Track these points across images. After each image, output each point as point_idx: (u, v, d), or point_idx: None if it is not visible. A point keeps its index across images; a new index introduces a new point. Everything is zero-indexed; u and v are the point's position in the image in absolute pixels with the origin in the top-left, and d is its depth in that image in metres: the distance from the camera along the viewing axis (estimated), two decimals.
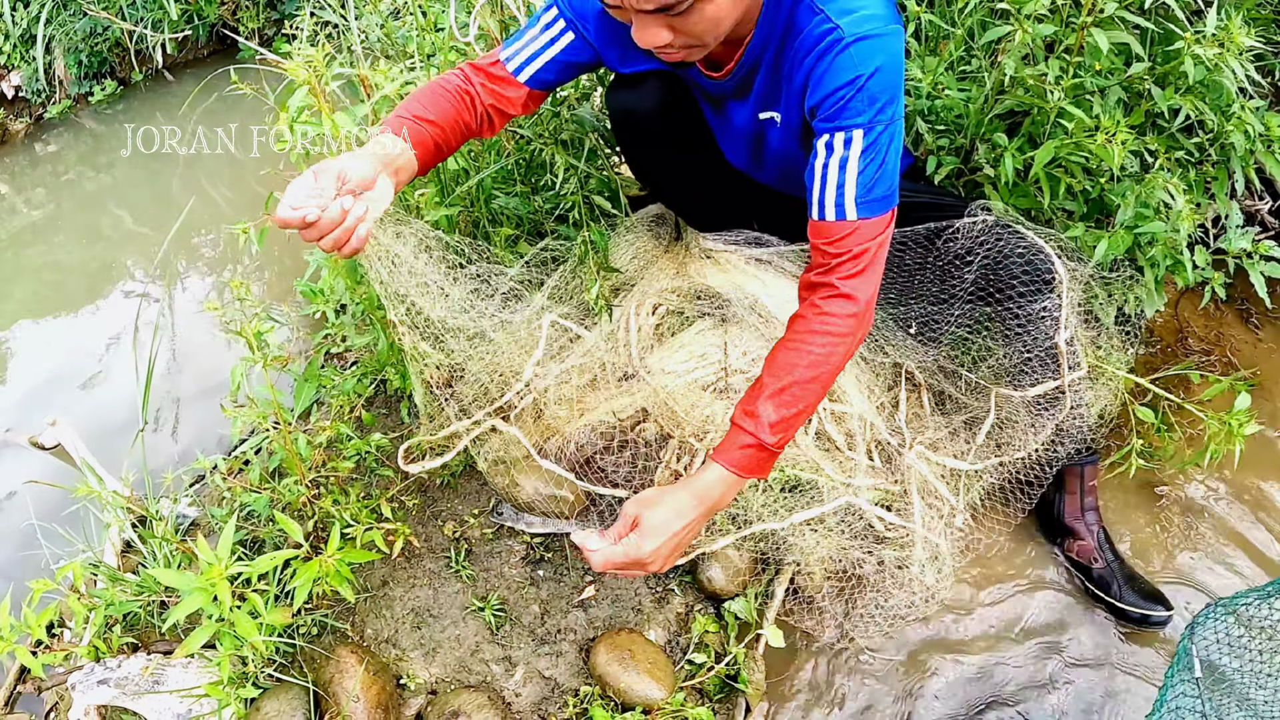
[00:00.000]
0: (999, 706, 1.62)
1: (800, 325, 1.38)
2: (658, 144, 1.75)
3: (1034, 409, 1.75)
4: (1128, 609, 1.68)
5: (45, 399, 2.51)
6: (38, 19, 3.71)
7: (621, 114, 1.72)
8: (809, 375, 1.35)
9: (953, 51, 1.94)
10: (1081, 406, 1.73)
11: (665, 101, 1.68)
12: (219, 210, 3.19)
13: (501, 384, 1.80)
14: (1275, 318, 2.31)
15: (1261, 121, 1.77)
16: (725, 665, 1.57)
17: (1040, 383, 1.70)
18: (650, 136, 1.73)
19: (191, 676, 1.55)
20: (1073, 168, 1.79)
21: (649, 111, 1.68)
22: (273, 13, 3.89)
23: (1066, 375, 1.65)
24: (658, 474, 1.76)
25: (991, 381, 1.80)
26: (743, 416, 1.35)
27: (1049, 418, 1.73)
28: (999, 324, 1.74)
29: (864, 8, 1.27)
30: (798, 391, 1.35)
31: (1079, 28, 1.66)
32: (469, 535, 1.75)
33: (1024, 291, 1.62)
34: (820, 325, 1.36)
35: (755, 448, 1.34)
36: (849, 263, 1.35)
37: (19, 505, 2.20)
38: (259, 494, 1.68)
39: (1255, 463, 1.98)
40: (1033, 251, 1.64)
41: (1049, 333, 1.65)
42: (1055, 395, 1.71)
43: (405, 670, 1.58)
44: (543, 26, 1.58)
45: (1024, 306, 1.65)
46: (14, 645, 1.44)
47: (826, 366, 1.36)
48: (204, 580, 1.29)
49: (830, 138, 1.34)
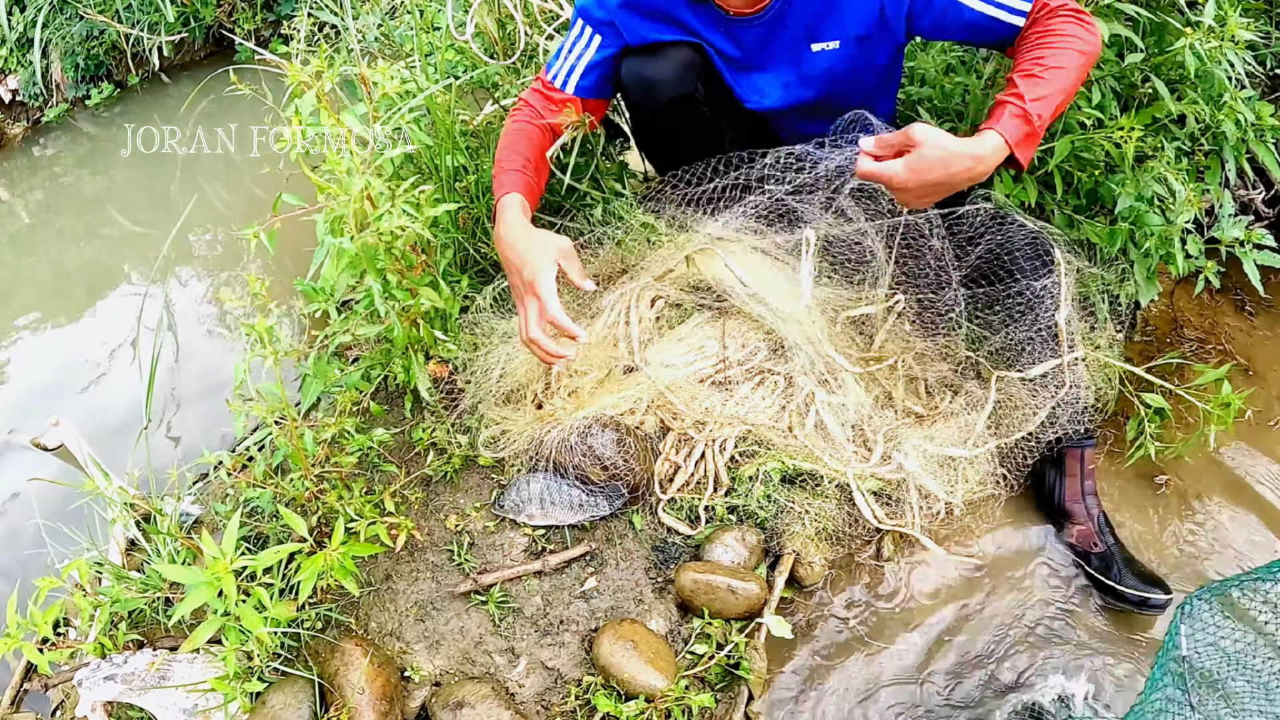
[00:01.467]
0: (1000, 692, 1.63)
1: (1034, 34, 1.50)
2: (672, 111, 1.79)
3: (1033, 389, 1.76)
4: (1127, 592, 1.68)
5: (45, 400, 2.52)
6: (35, 22, 3.72)
7: (637, 81, 1.76)
8: (1056, 62, 1.45)
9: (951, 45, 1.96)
10: (1078, 388, 1.74)
11: (680, 68, 1.73)
12: (216, 211, 3.20)
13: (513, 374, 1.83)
14: (1269, 306, 2.33)
15: (1253, 111, 1.78)
16: (726, 654, 1.58)
17: (1038, 364, 1.72)
18: (665, 104, 1.77)
19: (197, 671, 1.56)
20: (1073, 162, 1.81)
21: (664, 78, 1.74)
22: (269, 14, 3.90)
23: (1066, 354, 1.66)
24: (657, 465, 1.78)
25: (991, 363, 1.81)
26: (1006, 95, 1.44)
27: (1047, 397, 1.74)
28: (1001, 306, 1.76)
29: None
30: (1049, 75, 1.44)
31: None
32: (471, 528, 1.76)
33: (1027, 269, 1.65)
34: (1057, 26, 1.48)
35: (1022, 117, 1.41)
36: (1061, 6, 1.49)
37: (22, 505, 2.21)
38: (263, 489, 1.69)
39: (1250, 449, 2.00)
40: (1033, 235, 1.67)
41: (1050, 311, 1.67)
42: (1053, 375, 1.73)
43: (409, 662, 1.60)
44: (573, 39, 1.74)
45: (1027, 287, 1.67)
46: (20, 642, 1.45)
47: (1072, 50, 1.45)
48: (209, 575, 1.30)
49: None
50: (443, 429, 1.86)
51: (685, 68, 1.73)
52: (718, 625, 1.62)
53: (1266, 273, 1.85)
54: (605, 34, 1.73)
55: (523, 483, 1.75)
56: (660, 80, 1.73)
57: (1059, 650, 1.68)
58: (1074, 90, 1.49)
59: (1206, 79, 1.72)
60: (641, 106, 1.82)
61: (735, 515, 1.76)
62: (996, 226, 1.71)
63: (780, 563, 1.71)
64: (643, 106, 1.82)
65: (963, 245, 1.77)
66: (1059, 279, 1.64)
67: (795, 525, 1.72)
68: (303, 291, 1.86)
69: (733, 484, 1.76)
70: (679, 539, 1.74)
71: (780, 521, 1.73)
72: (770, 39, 1.69)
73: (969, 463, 1.74)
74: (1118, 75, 1.79)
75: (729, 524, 1.73)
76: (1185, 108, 1.72)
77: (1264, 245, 1.83)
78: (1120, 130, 1.67)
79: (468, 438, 1.85)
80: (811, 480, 1.75)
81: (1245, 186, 2.22)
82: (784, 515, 1.73)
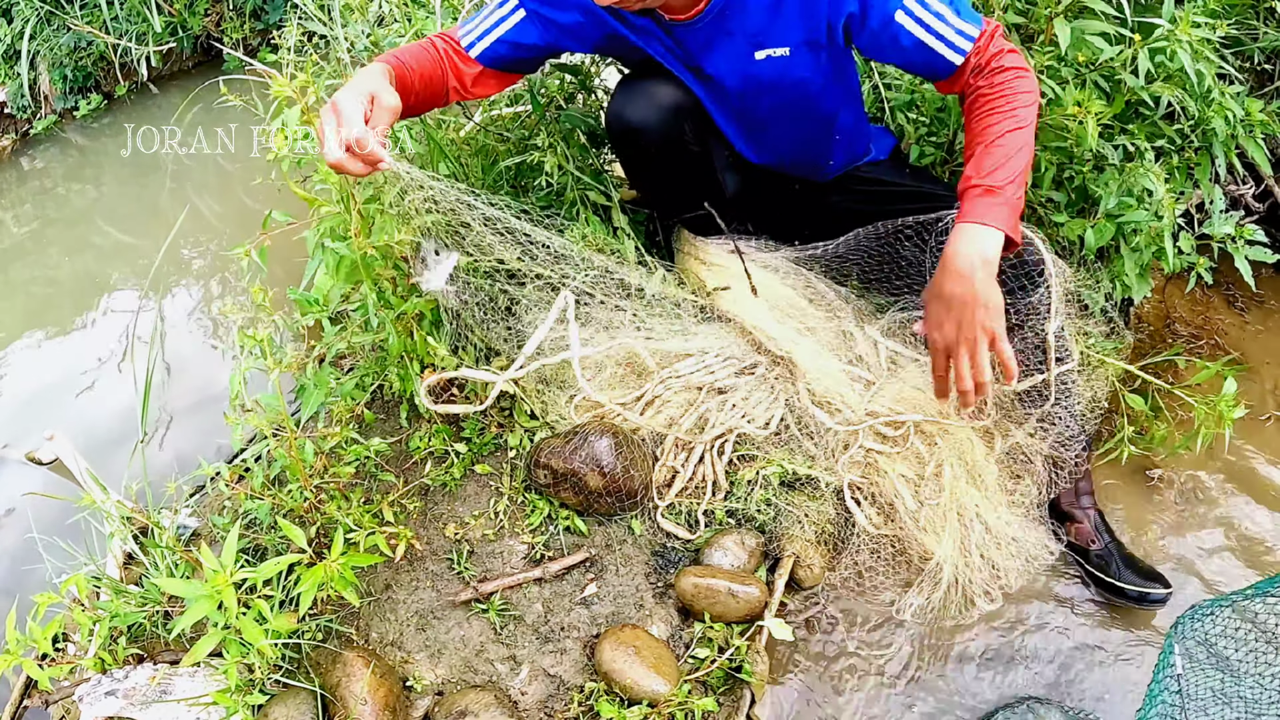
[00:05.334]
0: (1002, 692, 1.64)
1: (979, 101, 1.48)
2: (658, 156, 1.75)
3: (1024, 401, 1.77)
4: (1126, 588, 1.69)
5: (36, 414, 2.51)
6: (22, 34, 3.71)
7: (622, 127, 1.72)
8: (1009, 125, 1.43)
9: None
10: (1071, 396, 1.75)
11: (666, 112, 1.68)
12: (206, 222, 3.19)
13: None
14: (1261, 301, 2.34)
15: (1242, 107, 1.79)
16: (728, 658, 1.59)
17: (1031, 374, 1.72)
18: (650, 147, 1.73)
19: (198, 685, 1.55)
20: (1053, 155, 1.81)
21: (649, 123, 1.69)
22: (257, 23, 3.89)
23: (1054, 368, 1.67)
24: (656, 471, 1.78)
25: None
26: (962, 181, 1.44)
27: (1037, 409, 1.75)
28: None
29: None
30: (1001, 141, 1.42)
31: (1046, 19, 1.69)
32: (470, 536, 1.76)
33: (1013, 288, 1.64)
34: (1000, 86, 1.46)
35: (981, 191, 1.39)
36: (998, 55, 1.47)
37: (17, 520, 2.20)
38: (261, 501, 1.69)
39: (1245, 444, 2.01)
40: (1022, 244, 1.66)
41: (1038, 326, 1.67)
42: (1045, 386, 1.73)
43: (411, 672, 1.59)
44: (497, 4, 1.62)
45: (1012, 303, 1.66)
46: (20, 659, 1.44)
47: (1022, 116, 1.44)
48: (210, 588, 1.30)
49: (905, 7, 1.46)
50: (439, 438, 1.85)
51: (672, 112, 1.67)
52: (719, 629, 1.62)
53: (1258, 267, 1.86)
54: (532, 21, 1.62)
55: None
56: (645, 126, 1.68)
57: (1060, 649, 1.69)
58: (1031, 152, 1.47)
59: (1200, 77, 1.73)
60: (627, 150, 1.79)
61: (734, 519, 1.76)
62: None
63: (780, 565, 1.71)
64: (628, 150, 1.78)
65: None
66: (1049, 290, 1.63)
67: (794, 528, 1.72)
68: (296, 302, 1.86)
69: (731, 488, 1.76)
70: (678, 544, 1.74)
71: (779, 525, 1.73)
72: (711, 45, 1.61)
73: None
74: (1103, 73, 1.80)
75: (728, 528, 1.74)
76: (1162, 89, 1.71)
77: (1255, 241, 1.84)
78: (1078, 108, 1.66)
79: (466, 446, 1.85)
80: (809, 483, 1.76)
81: (1235, 182, 2.24)
82: (783, 518, 1.73)
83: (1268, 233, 1.97)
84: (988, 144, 1.42)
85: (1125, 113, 1.81)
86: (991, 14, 1.71)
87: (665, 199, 1.94)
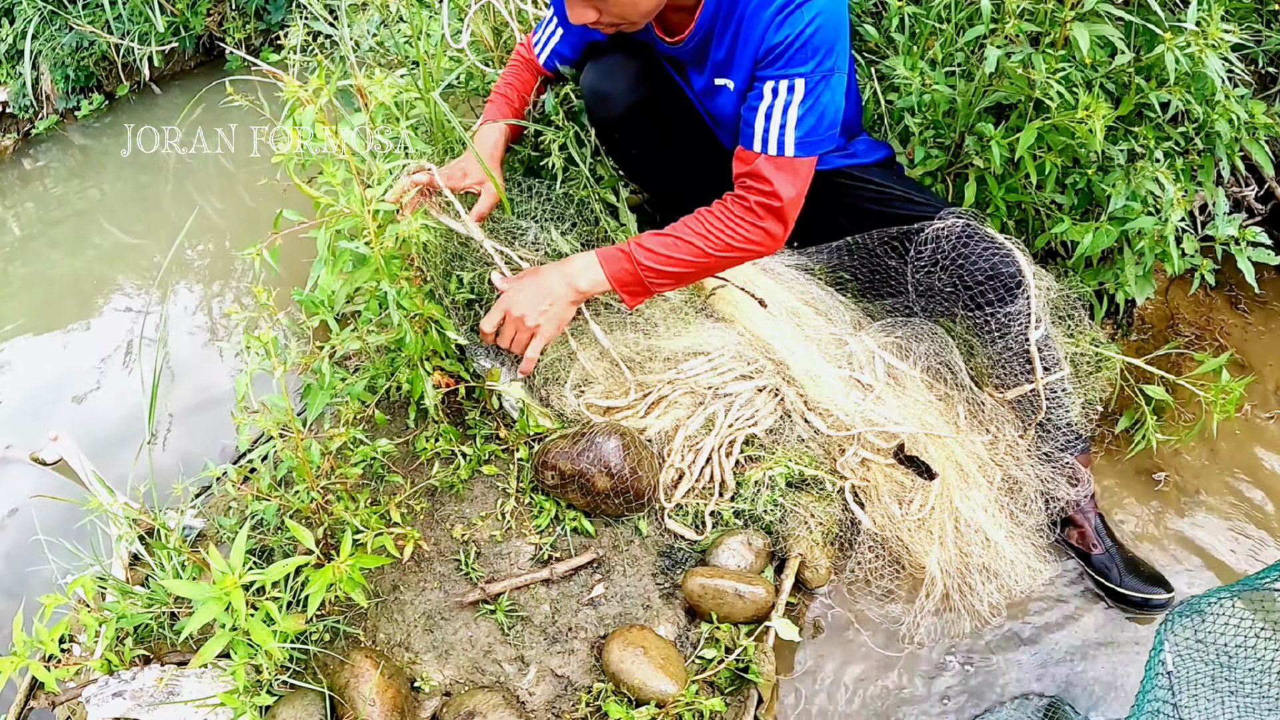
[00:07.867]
0: (1004, 693, 1.64)
1: (718, 204, 1.63)
2: (632, 124, 1.82)
3: (1017, 410, 1.77)
4: (1128, 593, 1.70)
5: (39, 414, 2.50)
6: (24, 34, 3.70)
7: (592, 94, 1.82)
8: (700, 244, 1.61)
9: (940, 50, 1.96)
10: (1063, 404, 1.75)
11: (637, 77, 1.77)
12: (210, 222, 3.19)
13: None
14: (1263, 302, 2.35)
15: (1246, 109, 1.80)
16: (735, 658, 1.59)
17: (1020, 382, 1.72)
18: (624, 117, 1.81)
19: (206, 686, 1.55)
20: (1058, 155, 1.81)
21: (617, 90, 1.78)
22: (260, 23, 3.89)
23: (1040, 377, 1.68)
24: (663, 472, 1.78)
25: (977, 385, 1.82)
26: (636, 236, 1.65)
27: (1029, 418, 1.75)
28: (974, 332, 1.76)
29: None
30: (683, 242, 1.61)
31: (1061, 23, 1.69)
32: (477, 538, 1.76)
33: (991, 299, 1.66)
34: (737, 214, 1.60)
35: (625, 255, 1.63)
36: (764, 185, 1.56)
37: (21, 521, 2.19)
38: (268, 501, 1.69)
39: (1246, 444, 2.01)
40: (999, 257, 1.65)
41: (1021, 335, 1.67)
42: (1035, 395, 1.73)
43: (419, 673, 1.60)
44: (549, 19, 1.89)
45: (993, 314, 1.67)
46: (27, 660, 1.44)
47: (714, 247, 1.60)
48: (218, 590, 1.29)
49: (775, 84, 1.52)
50: (446, 440, 1.86)
51: (637, 77, 1.77)
52: (726, 629, 1.62)
53: (1260, 269, 1.87)
54: (566, 31, 1.86)
55: None
56: (613, 92, 1.78)
57: (1063, 651, 1.69)
58: (700, 269, 1.65)
59: (1199, 79, 1.74)
60: (599, 117, 1.86)
61: (741, 520, 1.77)
62: (963, 245, 1.68)
63: (786, 566, 1.71)
64: (600, 117, 1.86)
65: (932, 267, 1.75)
66: (1027, 300, 1.63)
67: (801, 529, 1.72)
68: (300, 303, 1.86)
69: (738, 489, 1.77)
70: (685, 544, 1.75)
71: (786, 525, 1.74)
72: (694, 67, 1.73)
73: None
74: (1110, 77, 1.80)
75: (735, 528, 1.74)
76: (1167, 93, 1.71)
77: (1258, 243, 1.85)
78: (1085, 110, 1.66)
79: (472, 448, 1.86)
80: (816, 484, 1.76)
81: (1239, 184, 2.25)
82: (790, 519, 1.74)
83: (1270, 234, 1.97)
84: (676, 235, 1.63)
85: (1130, 115, 1.82)
86: (1006, 20, 1.72)
87: (643, 172, 1.98)
